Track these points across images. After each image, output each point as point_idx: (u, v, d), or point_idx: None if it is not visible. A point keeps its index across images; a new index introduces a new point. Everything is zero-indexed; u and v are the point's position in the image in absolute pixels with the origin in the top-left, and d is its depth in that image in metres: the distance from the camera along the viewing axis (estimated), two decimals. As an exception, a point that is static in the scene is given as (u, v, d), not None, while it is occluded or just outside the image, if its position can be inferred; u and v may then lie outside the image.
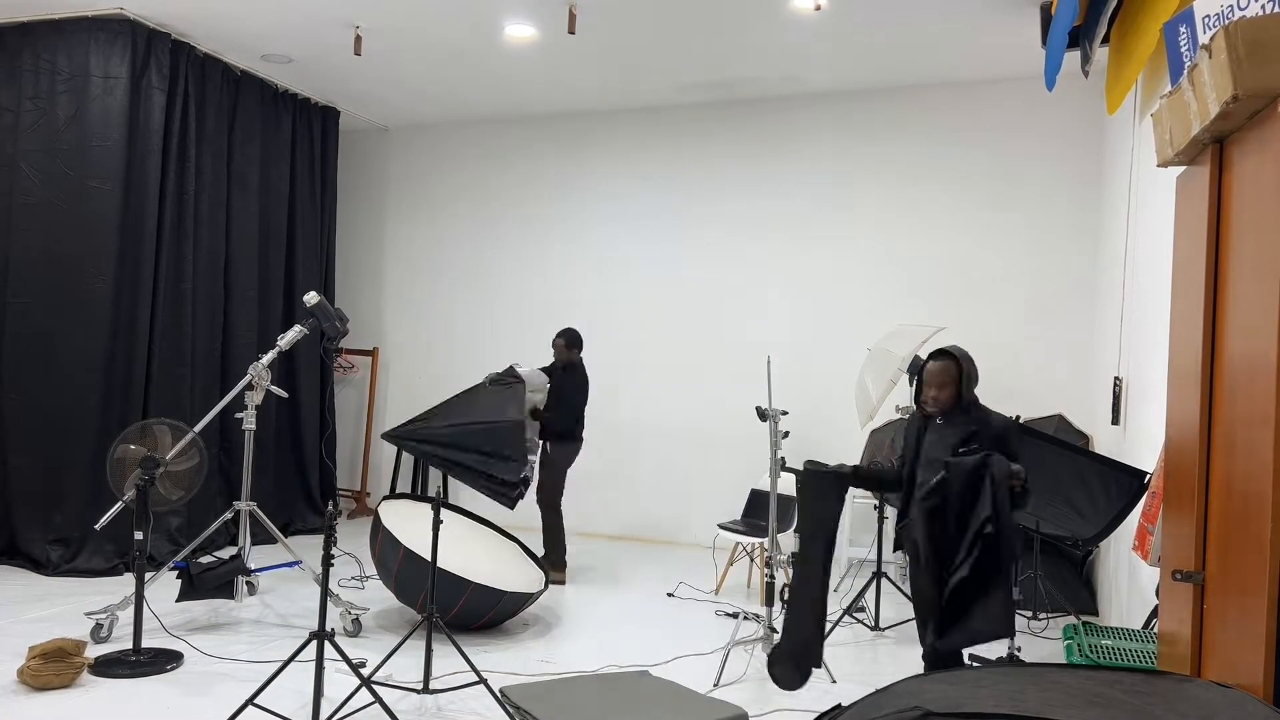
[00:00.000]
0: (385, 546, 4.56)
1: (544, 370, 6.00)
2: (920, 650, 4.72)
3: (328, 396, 7.49)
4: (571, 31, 5.40)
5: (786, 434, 4.66)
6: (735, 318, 7.10)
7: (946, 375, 3.30)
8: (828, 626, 5.06)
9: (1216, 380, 2.17)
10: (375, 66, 6.55)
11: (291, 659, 3.35)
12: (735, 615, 5.26)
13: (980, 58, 6.01)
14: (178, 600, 4.51)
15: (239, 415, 4.83)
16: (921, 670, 3.63)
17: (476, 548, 5.06)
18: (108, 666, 3.94)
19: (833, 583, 6.13)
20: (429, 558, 4.47)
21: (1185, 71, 2.22)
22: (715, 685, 4.11)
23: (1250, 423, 1.92)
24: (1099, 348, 5.92)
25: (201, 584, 4.48)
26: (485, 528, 5.30)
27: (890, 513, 6.21)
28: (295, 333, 4.77)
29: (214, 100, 6.37)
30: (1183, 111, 2.22)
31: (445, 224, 8.05)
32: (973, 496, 3.04)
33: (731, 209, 7.12)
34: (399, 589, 4.59)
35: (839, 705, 1.60)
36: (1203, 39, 2.44)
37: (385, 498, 5.02)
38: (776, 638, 4.80)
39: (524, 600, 4.66)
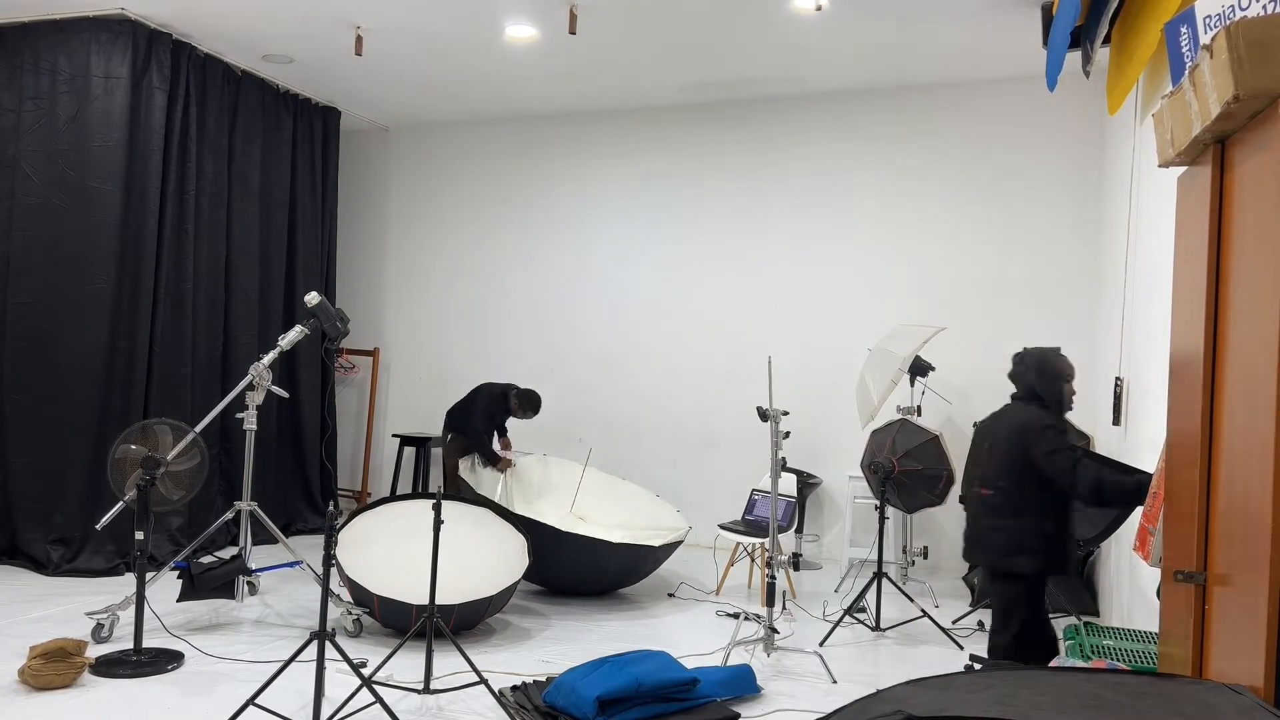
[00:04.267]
0: (357, 591, 4.50)
1: (502, 408, 6.19)
2: (922, 652, 4.72)
3: (328, 397, 7.49)
4: (572, 32, 5.40)
5: (787, 434, 4.66)
6: (736, 317, 7.10)
7: None
8: (829, 627, 5.06)
9: (1218, 380, 2.17)
10: (376, 67, 6.55)
11: (292, 659, 3.35)
12: (736, 616, 5.26)
13: (981, 58, 6.01)
14: (179, 600, 4.51)
15: (240, 415, 4.83)
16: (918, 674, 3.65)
17: (460, 534, 4.98)
18: (109, 666, 3.94)
19: (833, 583, 6.13)
20: (402, 596, 4.41)
21: (1186, 72, 2.22)
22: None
23: (1251, 423, 1.92)
24: (1100, 348, 5.91)
25: (202, 584, 4.48)
26: (464, 504, 5.20)
27: (891, 513, 6.20)
28: (296, 333, 4.77)
29: (215, 101, 6.37)
30: (1184, 112, 2.21)
31: (446, 224, 8.05)
32: None
33: (732, 209, 7.12)
34: (384, 621, 4.55)
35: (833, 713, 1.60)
36: (1204, 39, 2.44)
37: (340, 525, 4.06)
38: (777, 638, 4.80)
39: (511, 591, 4.62)
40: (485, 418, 6.13)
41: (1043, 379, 3.55)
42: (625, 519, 6.09)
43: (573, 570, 5.30)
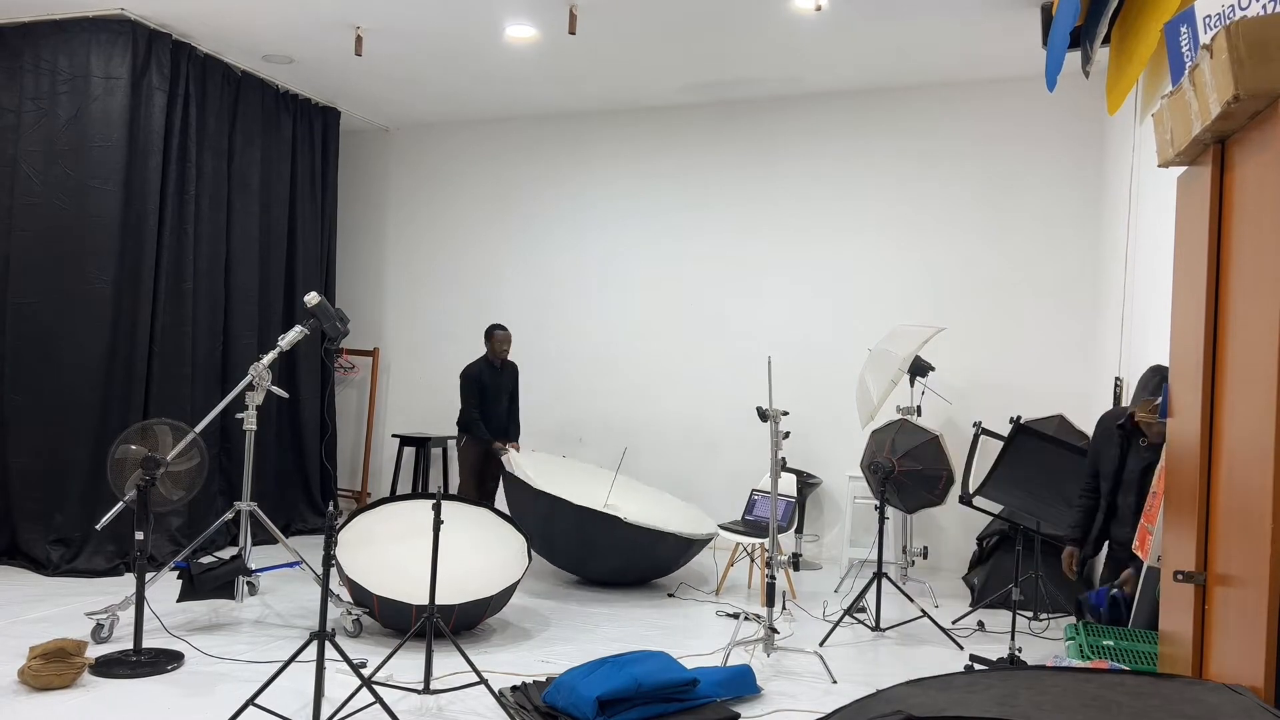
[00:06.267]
0: (357, 591, 4.50)
1: (483, 368, 6.30)
2: (922, 652, 4.72)
3: (328, 397, 7.49)
4: (572, 32, 5.40)
5: (787, 434, 4.66)
6: (736, 318, 7.10)
7: None
8: (829, 628, 5.06)
9: (1218, 380, 2.17)
10: (376, 67, 6.55)
11: (292, 659, 3.35)
12: (736, 616, 5.26)
13: (980, 58, 6.01)
14: (178, 600, 4.51)
15: (240, 415, 4.83)
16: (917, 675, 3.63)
17: (460, 535, 4.98)
18: (108, 667, 3.94)
19: (833, 583, 6.13)
20: (401, 596, 4.41)
21: (1186, 72, 2.22)
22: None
23: (1251, 423, 1.92)
24: (1099, 348, 5.92)
25: (202, 584, 4.47)
26: (463, 504, 5.19)
27: (891, 513, 6.20)
28: (296, 333, 4.77)
29: (215, 101, 6.37)
30: (1184, 112, 2.21)
31: (446, 224, 8.05)
32: None
33: (732, 209, 7.12)
34: (384, 621, 4.54)
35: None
36: (1204, 39, 2.44)
37: (340, 525, 4.41)
38: (777, 638, 4.80)
39: (511, 591, 4.62)
40: (472, 394, 6.26)
41: None
42: (659, 513, 6.20)
43: (619, 560, 5.54)
